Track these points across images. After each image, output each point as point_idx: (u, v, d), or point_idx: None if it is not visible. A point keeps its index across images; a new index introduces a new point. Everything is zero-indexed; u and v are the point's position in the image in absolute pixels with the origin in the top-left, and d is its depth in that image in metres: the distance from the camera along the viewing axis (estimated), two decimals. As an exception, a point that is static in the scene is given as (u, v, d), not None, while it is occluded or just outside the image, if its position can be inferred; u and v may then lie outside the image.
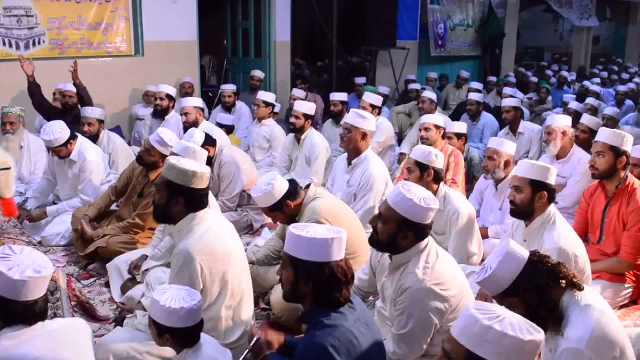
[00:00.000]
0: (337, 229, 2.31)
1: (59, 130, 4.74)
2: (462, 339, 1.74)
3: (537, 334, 1.72)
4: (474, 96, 7.66)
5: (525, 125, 6.59)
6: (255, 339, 2.46)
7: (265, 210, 3.52)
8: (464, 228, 3.81)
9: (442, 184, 3.96)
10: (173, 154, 3.89)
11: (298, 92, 7.99)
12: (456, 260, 3.67)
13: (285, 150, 6.15)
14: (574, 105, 7.52)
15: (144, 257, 3.85)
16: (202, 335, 2.53)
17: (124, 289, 3.82)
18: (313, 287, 2.21)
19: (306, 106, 5.93)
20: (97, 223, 4.52)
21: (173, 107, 6.61)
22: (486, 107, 7.83)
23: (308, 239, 2.18)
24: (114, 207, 4.73)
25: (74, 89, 6.16)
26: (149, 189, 4.25)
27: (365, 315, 2.31)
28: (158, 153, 4.29)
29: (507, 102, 6.68)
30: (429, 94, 7.49)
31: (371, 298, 3.34)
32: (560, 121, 5.26)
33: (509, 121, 6.54)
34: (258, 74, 8.59)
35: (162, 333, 2.45)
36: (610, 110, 7.41)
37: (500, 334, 1.68)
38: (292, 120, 5.87)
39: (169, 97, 6.61)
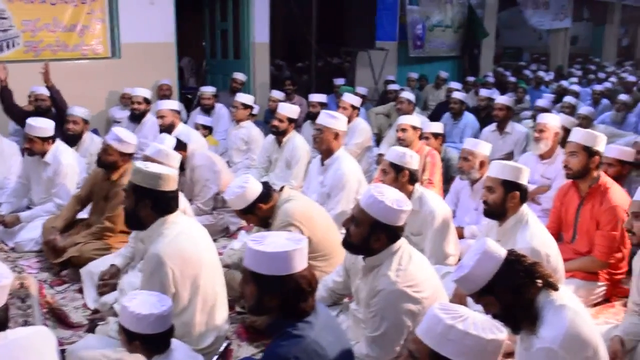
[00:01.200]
0: (298, 236, 2.26)
1: (47, 124, 4.77)
2: (425, 339, 1.74)
3: (499, 333, 1.72)
4: (457, 95, 7.70)
5: (513, 126, 6.59)
6: (224, 344, 2.44)
7: (238, 213, 3.50)
8: (439, 228, 3.82)
9: (417, 184, 3.97)
10: (147, 157, 3.86)
11: (277, 94, 7.96)
12: (433, 261, 3.72)
13: (264, 152, 6.12)
14: (585, 110, 7.44)
15: (115, 269, 3.77)
16: (173, 340, 2.51)
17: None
18: (279, 301, 2.14)
19: (290, 109, 5.90)
20: (67, 232, 4.43)
21: (149, 110, 6.55)
22: (466, 107, 7.86)
23: (268, 253, 2.10)
24: (84, 215, 4.64)
25: (47, 92, 6.08)
26: (114, 190, 4.19)
27: (330, 322, 2.29)
28: (116, 151, 4.23)
29: (500, 100, 6.67)
30: (407, 95, 7.50)
31: (345, 300, 3.34)
32: (553, 120, 5.24)
33: (499, 119, 6.52)
34: (240, 76, 8.53)
35: (132, 339, 2.42)
36: (584, 109, 7.48)
37: (463, 332, 1.69)
38: (275, 123, 5.82)
39: (146, 100, 6.57)
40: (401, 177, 3.83)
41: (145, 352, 2.45)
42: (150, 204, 2.84)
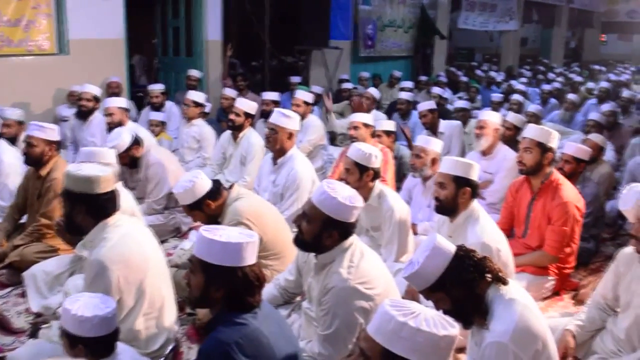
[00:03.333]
0: (250, 232, 2.24)
1: None
2: (377, 336, 1.71)
3: (451, 329, 1.71)
4: (404, 95, 7.73)
5: (444, 124, 6.60)
6: (170, 347, 2.37)
7: (185, 208, 3.42)
8: (398, 225, 3.81)
9: (377, 181, 3.95)
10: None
11: (229, 92, 7.86)
12: (391, 258, 3.72)
13: (219, 147, 6.02)
14: (533, 108, 7.61)
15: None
16: (118, 344, 2.42)
17: None
18: (224, 293, 2.12)
19: (248, 104, 5.82)
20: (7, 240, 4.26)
21: (97, 108, 6.38)
22: (414, 106, 7.91)
23: (221, 242, 2.09)
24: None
25: None
26: (45, 186, 4.06)
27: (275, 316, 2.26)
28: (40, 140, 4.11)
29: (422, 107, 6.62)
30: (373, 91, 7.48)
31: (298, 299, 3.30)
32: (493, 117, 5.36)
33: (428, 124, 6.51)
34: (194, 73, 8.38)
35: (75, 343, 2.32)
36: (532, 107, 7.65)
37: (415, 329, 1.67)
38: (232, 117, 5.73)
39: (96, 98, 6.39)
40: (365, 176, 3.81)
41: (89, 356, 2.34)
42: (85, 209, 2.73)
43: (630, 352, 2.79)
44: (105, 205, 2.76)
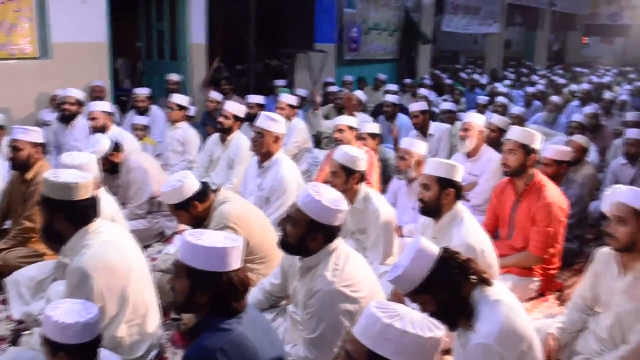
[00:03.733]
0: (235, 236, 2.21)
1: None
2: (363, 339, 1.71)
3: (437, 331, 1.71)
4: (390, 98, 7.74)
5: (435, 127, 6.63)
6: (154, 353, 2.34)
7: (171, 208, 3.38)
8: (383, 228, 3.81)
9: (363, 184, 3.95)
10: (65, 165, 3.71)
11: (215, 95, 7.83)
12: (377, 260, 3.72)
13: (207, 150, 6.01)
14: (517, 111, 7.68)
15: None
16: (102, 350, 2.39)
17: None
18: (210, 298, 2.10)
19: (237, 107, 5.82)
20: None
21: (81, 112, 6.33)
22: (402, 109, 7.94)
23: (206, 247, 2.07)
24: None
25: None
26: (31, 190, 4.02)
27: (260, 320, 2.24)
28: (26, 144, 4.07)
29: (414, 107, 6.66)
30: (360, 94, 7.49)
31: (283, 303, 3.28)
32: (478, 119, 5.38)
33: (419, 125, 6.55)
34: (174, 77, 8.37)
35: (57, 351, 2.27)
36: (516, 110, 7.71)
37: (401, 332, 1.66)
38: (221, 120, 5.73)
39: (79, 102, 6.34)
40: (352, 180, 3.80)
41: (71, 364, 2.32)
42: (64, 216, 2.69)
43: (613, 351, 2.80)
44: (85, 212, 2.73)
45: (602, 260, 2.97)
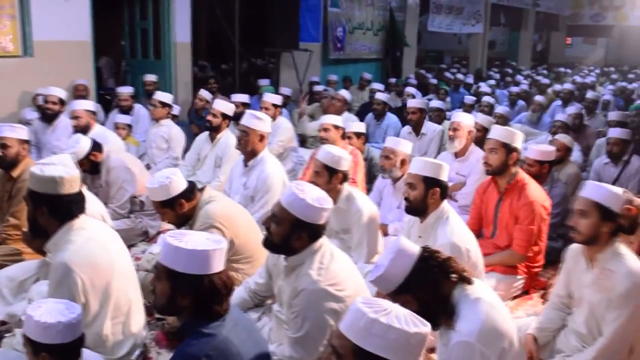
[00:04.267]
0: (217, 237, 2.19)
1: None
2: (348, 333, 1.70)
3: (423, 326, 1.70)
4: (380, 96, 7.77)
5: (428, 126, 6.67)
6: (137, 352, 2.32)
7: (156, 205, 3.35)
8: (367, 227, 3.81)
9: (345, 183, 3.95)
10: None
11: (205, 93, 7.80)
12: (361, 259, 3.72)
13: (195, 148, 5.99)
14: (501, 110, 7.72)
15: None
16: (84, 350, 2.36)
17: None
18: (191, 301, 2.07)
19: (225, 105, 5.83)
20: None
21: (63, 111, 6.26)
22: (389, 108, 7.96)
23: (187, 250, 2.03)
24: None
25: None
26: (16, 187, 3.99)
27: (244, 321, 2.22)
28: (15, 141, 4.05)
29: (412, 103, 6.71)
30: (345, 93, 7.51)
31: (268, 302, 3.27)
32: (467, 119, 5.38)
33: (414, 122, 6.58)
34: (150, 78, 8.24)
35: (38, 351, 2.25)
36: (500, 109, 7.75)
37: (386, 326, 1.66)
38: (210, 117, 5.74)
39: (62, 101, 6.28)
40: (334, 179, 3.80)
41: (54, 364, 2.30)
42: (47, 210, 2.68)
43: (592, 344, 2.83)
44: (69, 206, 2.71)
45: (571, 257, 3.02)
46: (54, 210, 2.69)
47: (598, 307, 2.78)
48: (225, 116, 5.76)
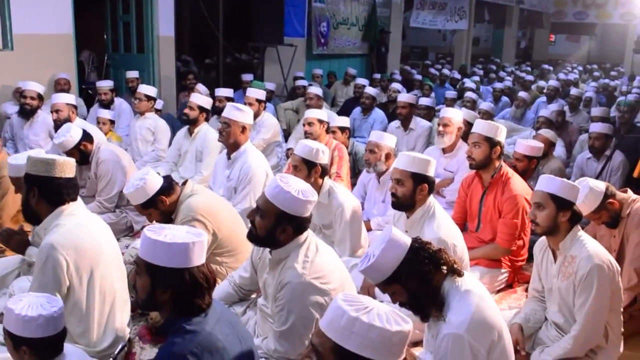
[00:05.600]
0: (197, 231, 2.15)
1: None
2: (329, 332, 1.67)
3: (404, 324, 1.68)
4: (369, 90, 7.77)
5: (416, 122, 6.67)
6: (120, 346, 2.29)
7: (138, 208, 3.33)
8: (349, 221, 3.80)
9: (326, 178, 3.94)
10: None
11: (199, 88, 7.72)
12: (346, 254, 3.71)
13: (175, 144, 5.94)
14: (485, 106, 7.75)
15: None
16: (66, 345, 2.33)
17: None
18: (172, 295, 2.03)
19: (202, 99, 5.78)
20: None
21: (41, 106, 6.16)
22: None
23: (166, 243, 1.99)
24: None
25: None
26: None
27: (227, 316, 2.19)
28: None
29: (402, 98, 6.70)
30: (315, 90, 7.50)
31: (253, 296, 3.25)
32: (457, 115, 5.38)
33: (403, 116, 6.59)
34: (131, 74, 8.14)
35: (19, 345, 2.21)
36: (485, 105, 7.78)
37: (367, 325, 1.63)
38: (186, 111, 5.69)
39: (40, 96, 6.17)
40: (314, 172, 3.78)
41: (34, 358, 2.25)
42: (38, 192, 2.73)
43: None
44: (59, 190, 2.74)
45: (538, 250, 3.12)
46: (44, 193, 2.73)
47: (566, 294, 2.87)
48: (202, 109, 5.70)
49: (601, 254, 2.81)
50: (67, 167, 2.76)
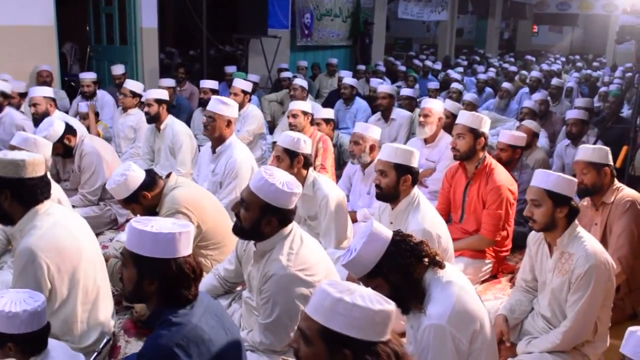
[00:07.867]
0: (184, 222, 2.15)
1: None
2: (315, 315, 1.70)
3: (387, 304, 1.70)
4: (348, 80, 7.77)
5: (397, 112, 6.69)
6: (104, 341, 2.29)
7: (121, 203, 3.32)
8: (334, 212, 3.81)
9: (311, 169, 3.94)
10: (12, 147, 3.59)
11: (167, 82, 7.65)
12: (331, 245, 3.72)
13: (146, 141, 5.86)
14: (469, 97, 7.75)
15: None
16: (50, 340, 2.32)
17: None
18: (158, 286, 2.03)
19: (156, 91, 5.65)
20: None
21: (9, 103, 5.90)
22: (357, 93, 7.96)
23: (152, 233, 1.99)
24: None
25: None
26: None
27: (213, 307, 2.19)
28: None
29: (382, 89, 6.71)
30: (300, 81, 7.49)
31: (238, 288, 3.25)
32: (438, 106, 5.40)
33: (384, 107, 6.60)
34: (118, 71, 7.95)
35: (3, 342, 2.21)
36: (468, 96, 7.81)
37: (350, 305, 1.65)
38: (145, 109, 5.57)
39: (3, 94, 5.77)
40: (296, 163, 3.79)
41: (20, 354, 2.25)
42: (10, 194, 2.62)
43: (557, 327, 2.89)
44: (32, 190, 2.65)
45: (533, 243, 3.09)
46: (17, 195, 2.63)
47: (560, 291, 2.85)
48: (160, 102, 5.54)
49: (599, 253, 2.78)
50: (37, 166, 2.67)
